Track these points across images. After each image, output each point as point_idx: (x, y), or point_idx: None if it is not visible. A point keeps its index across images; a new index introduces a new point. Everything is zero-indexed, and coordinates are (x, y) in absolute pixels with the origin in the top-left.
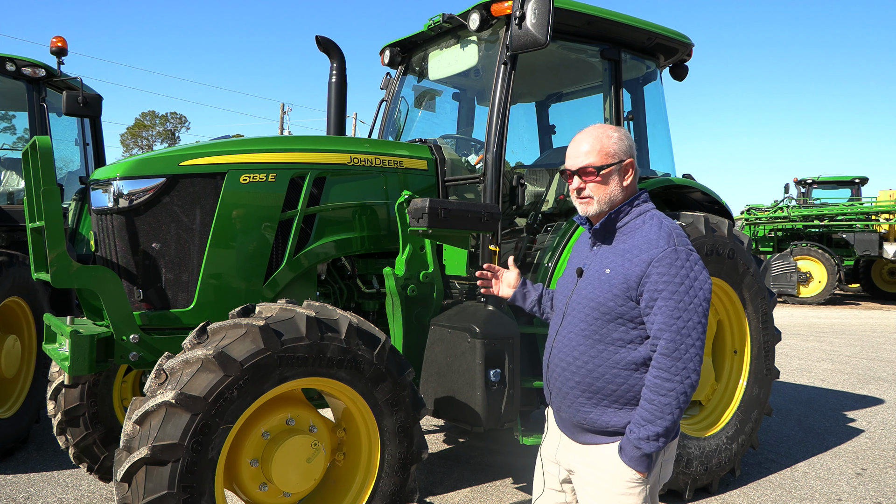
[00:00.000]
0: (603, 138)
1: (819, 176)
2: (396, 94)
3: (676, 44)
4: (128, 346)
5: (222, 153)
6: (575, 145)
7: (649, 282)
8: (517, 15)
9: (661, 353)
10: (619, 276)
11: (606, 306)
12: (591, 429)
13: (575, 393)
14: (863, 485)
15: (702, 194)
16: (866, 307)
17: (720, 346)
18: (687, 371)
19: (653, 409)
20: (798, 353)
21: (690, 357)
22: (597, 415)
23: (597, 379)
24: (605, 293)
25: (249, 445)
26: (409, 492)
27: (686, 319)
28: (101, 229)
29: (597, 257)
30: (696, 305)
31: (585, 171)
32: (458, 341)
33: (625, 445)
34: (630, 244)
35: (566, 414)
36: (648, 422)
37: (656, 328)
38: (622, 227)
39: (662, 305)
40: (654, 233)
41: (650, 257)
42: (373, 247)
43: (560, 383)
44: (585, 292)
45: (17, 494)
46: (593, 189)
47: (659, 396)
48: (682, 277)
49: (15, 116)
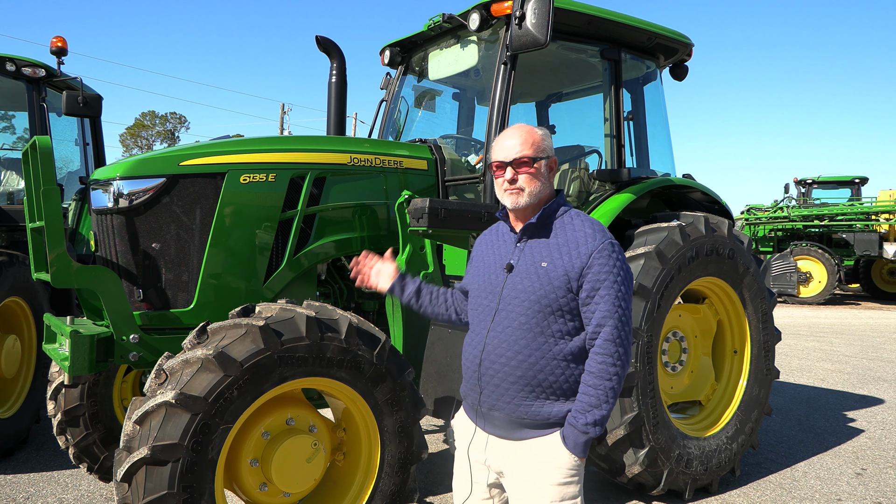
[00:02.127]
0: (533, 134)
1: (819, 176)
2: (396, 94)
3: (676, 44)
4: (128, 346)
5: (222, 153)
6: (504, 140)
7: (591, 273)
8: (517, 15)
9: (607, 339)
10: (559, 268)
11: (548, 299)
12: (530, 423)
13: (516, 388)
14: (863, 485)
15: (702, 194)
16: (866, 307)
17: (720, 346)
18: (628, 355)
19: (598, 394)
20: (798, 353)
21: (629, 343)
22: (538, 407)
23: (539, 371)
24: (545, 286)
25: (249, 445)
26: (409, 492)
27: (625, 308)
28: (101, 229)
29: (525, 253)
30: (629, 295)
31: (519, 162)
32: (458, 341)
33: (569, 433)
34: (564, 238)
35: (503, 412)
36: (594, 406)
37: (599, 316)
38: (553, 221)
39: (605, 294)
40: (589, 227)
41: (590, 249)
42: (373, 247)
43: (498, 380)
44: (521, 286)
45: (17, 494)
46: (526, 180)
47: (604, 381)
48: (619, 269)
49: (15, 116)
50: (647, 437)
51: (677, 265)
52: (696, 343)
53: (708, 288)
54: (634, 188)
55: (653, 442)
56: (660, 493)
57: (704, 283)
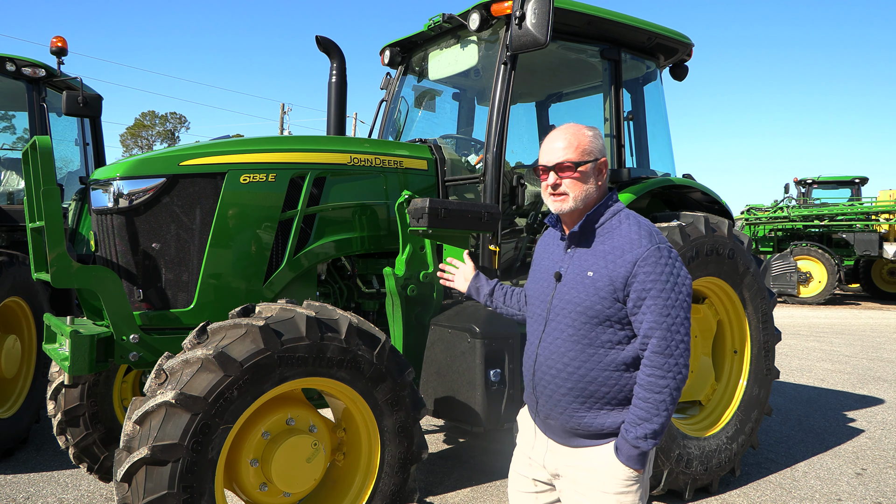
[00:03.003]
0: (579, 136)
1: (819, 176)
2: (396, 94)
3: (676, 44)
4: (128, 346)
5: (222, 153)
6: (550, 142)
7: (636, 281)
8: (517, 15)
9: (654, 350)
10: (604, 278)
11: (594, 310)
12: (584, 433)
13: (568, 399)
14: (863, 485)
15: (702, 194)
16: (866, 307)
17: (720, 346)
18: (679, 367)
19: (648, 408)
20: (798, 353)
21: (681, 353)
22: (591, 418)
23: (590, 383)
24: (591, 296)
25: (249, 445)
26: (409, 492)
27: (675, 316)
28: (101, 229)
29: (574, 260)
30: (682, 301)
31: (562, 167)
32: (458, 341)
33: (621, 445)
34: (610, 245)
35: (557, 421)
36: (645, 420)
37: (646, 326)
38: (599, 227)
39: (651, 304)
40: (635, 232)
41: (635, 257)
42: (373, 247)
43: (550, 391)
44: (569, 297)
45: (17, 494)
46: (569, 185)
47: (654, 394)
48: (668, 275)
49: (15, 116)
50: None
51: None
52: (696, 343)
53: (708, 288)
54: (634, 188)
55: None
56: (660, 493)
57: (704, 283)
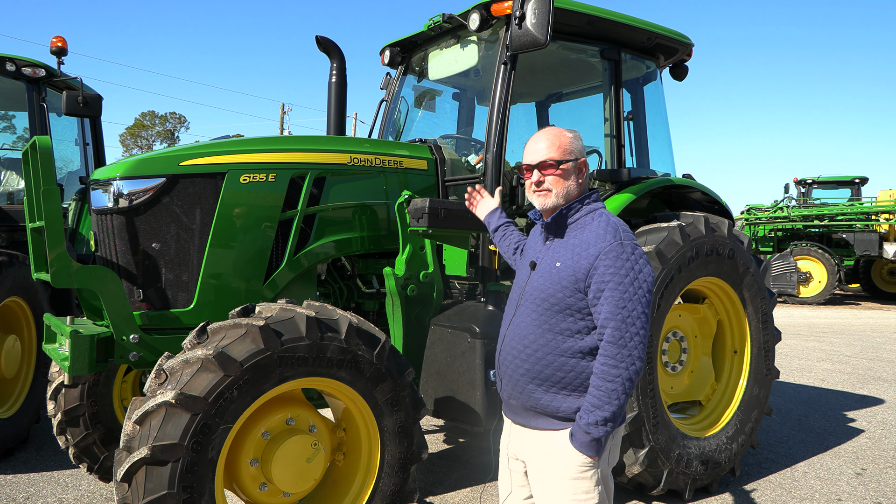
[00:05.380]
0: (560, 137)
1: (819, 176)
2: (396, 94)
3: (676, 44)
4: (128, 346)
5: (222, 153)
6: (533, 143)
7: (596, 274)
8: (517, 15)
9: (608, 341)
10: (569, 269)
11: (556, 297)
12: (542, 412)
13: (525, 379)
14: (863, 485)
15: (702, 194)
16: (866, 307)
17: (720, 346)
18: (632, 358)
19: (600, 395)
20: (798, 353)
21: (635, 345)
22: (547, 400)
23: (545, 366)
24: (555, 285)
25: (249, 445)
26: (409, 492)
27: (630, 309)
28: (101, 229)
29: (549, 252)
30: (640, 296)
31: (545, 165)
32: (458, 341)
33: (575, 431)
34: (579, 239)
35: (517, 401)
36: (597, 407)
37: (603, 318)
38: (573, 222)
39: (609, 296)
40: (602, 228)
41: (597, 251)
42: (373, 247)
43: (511, 370)
44: (537, 284)
45: (17, 494)
46: (552, 182)
47: (606, 382)
48: (627, 270)
49: (15, 116)
50: (646, 437)
51: (677, 265)
52: (696, 343)
53: (708, 288)
54: (634, 188)
55: (653, 442)
56: (660, 493)
57: (704, 283)
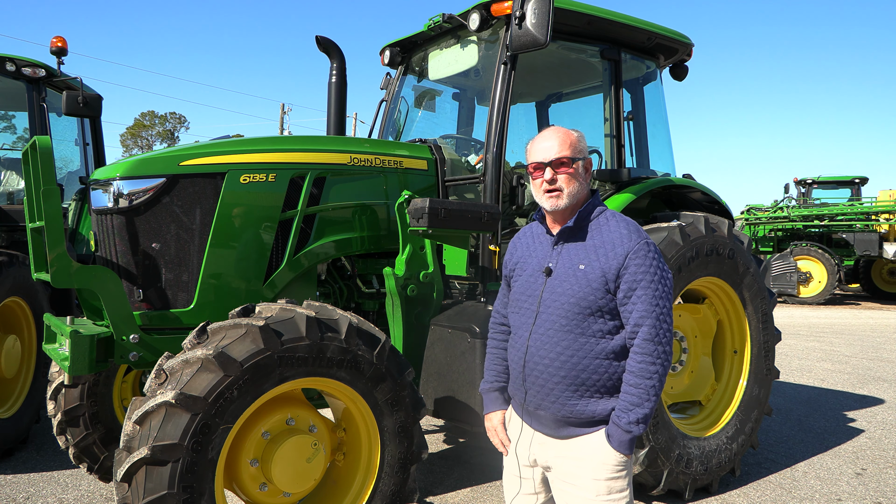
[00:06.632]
0: (570, 135)
1: (819, 176)
2: (396, 94)
3: (676, 44)
4: (128, 346)
5: (222, 153)
6: (541, 142)
7: (627, 273)
8: (517, 15)
9: (644, 338)
10: (596, 270)
11: (587, 300)
12: (576, 421)
13: (561, 387)
14: (863, 485)
15: (702, 194)
16: (866, 307)
17: (720, 346)
18: (666, 353)
19: (640, 393)
20: (798, 353)
21: (668, 340)
22: (583, 405)
23: (582, 371)
24: (584, 288)
25: (249, 445)
26: (409, 492)
27: (662, 307)
28: (101, 229)
29: (563, 255)
30: (667, 294)
31: (559, 162)
32: (458, 341)
33: (613, 432)
34: (600, 240)
35: (548, 411)
36: (636, 405)
37: (637, 315)
38: (588, 224)
39: (641, 294)
40: (625, 228)
41: (626, 250)
42: (373, 247)
43: (543, 380)
44: (561, 290)
45: (17, 494)
46: (565, 181)
47: (645, 380)
48: (656, 268)
49: (15, 116)
50: (646, 437)
51: (677, 265)
52: (696, 343)
53: (708, 288)
54: (634, 188)
55: (652, 442)
56: (660, 493)
57: (704, 283)
